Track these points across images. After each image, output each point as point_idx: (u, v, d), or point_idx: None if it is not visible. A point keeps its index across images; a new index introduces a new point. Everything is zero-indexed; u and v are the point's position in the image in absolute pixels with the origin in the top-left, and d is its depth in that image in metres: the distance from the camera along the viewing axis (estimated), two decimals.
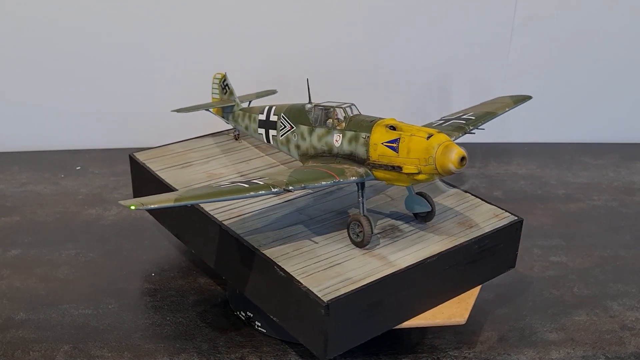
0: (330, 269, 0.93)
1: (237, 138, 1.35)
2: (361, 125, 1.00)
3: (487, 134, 1.13)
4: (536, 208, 1.49)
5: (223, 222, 1.03)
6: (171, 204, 0.84)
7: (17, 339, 1.07)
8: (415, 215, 1.07)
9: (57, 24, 1.66)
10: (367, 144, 0.98)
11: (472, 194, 1.16)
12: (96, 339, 1.07)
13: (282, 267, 0.93)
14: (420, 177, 0.94)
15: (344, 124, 1.02)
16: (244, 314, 1.10)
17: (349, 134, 1.01)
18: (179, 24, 1.68)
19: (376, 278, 0.91)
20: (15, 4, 1.64)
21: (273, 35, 1.69)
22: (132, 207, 0.82)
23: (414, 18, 1.72)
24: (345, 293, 0.88)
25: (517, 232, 1.08)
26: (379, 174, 0.98)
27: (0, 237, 1.35)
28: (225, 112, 1.30)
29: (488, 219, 1.08)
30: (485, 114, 1.17)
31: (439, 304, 1.00)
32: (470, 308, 1.01)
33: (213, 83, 1.33)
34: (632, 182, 1.62)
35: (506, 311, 1.15)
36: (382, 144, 0.96)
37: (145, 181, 1.22)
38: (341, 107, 1.03)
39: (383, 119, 0.99)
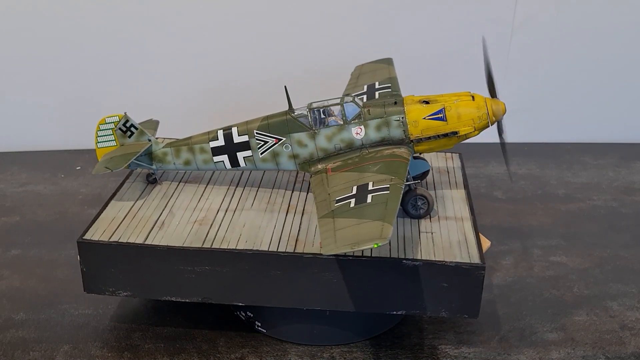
0: (437, 242, 1.00)
1: (155, 181, 1.16)
2: (387, 110, 1.04)
3: (487, 133, 1.13)
4: (536, 208, 1.49)
5: (291, 252, 0.98)
6: (384, 235, 0.84)
7: (17, 339, 1.07)
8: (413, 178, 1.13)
9: (56, 24, 1.66)
10: (404, 124, 1.03)
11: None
12: (96, 339, 1.07)
13: (412, 257, 0.96)
14: (474, 134, 1.05)
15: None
16: (244, 314, 1.10)
17: (373, 122, 1.04)
18: (179, 24, 1.68)
19: (474, 233, 1.02)
20: (15, 3, 1.64)
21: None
22: (375, 245, 0.82)
23: (412, 18, 1.72)
24: (478, 252, 0.98)
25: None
26: (423, 146, 1.06)
27: (0, 237, 1.35)
28: (138, 157, 1.11)
29: (446, 162, 1.26)
30: (388, 79, 1.21)
31: None
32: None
33: (100, 130, 1.12)
34: (632, 182, 1.62)
35: (506, 311, 1.15)
36: (424, 118, 1.03)
37: (124, 261, 1.01)
38: (349, 103, 1.05)
39: (402, 97, 1.06)
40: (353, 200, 0.92)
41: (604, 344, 1.08)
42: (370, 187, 0.94)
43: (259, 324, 1.08)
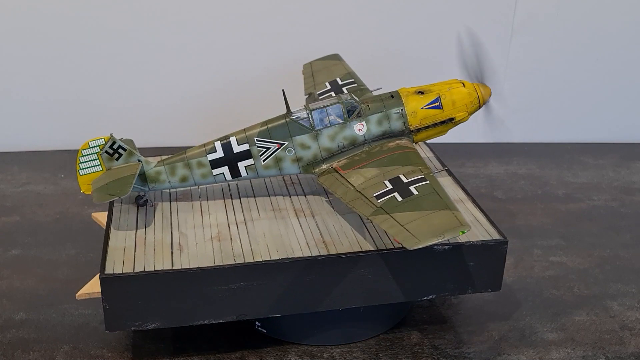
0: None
1: (146, 203, 1.09)
2: (386, 104, 1.07)
3: (487, 134, 1.14)
4: (536, 208, 1.49)
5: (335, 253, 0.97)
6: (463, 222, 0.87)
7: (17, 339, 1.07)
8: None
9: (57, 23, 1.66)
10: (404, 116, 1.07)
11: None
12: (96, 339, 1.07)
13: (440, 242, 0.96)
14: (467, 118, 1.10)
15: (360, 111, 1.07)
16: None
17: (374, 117, 1.06)
18: (180, 25, 1.69)
19: (479, 209, 1.09)
20: (15, 2, 1.64)
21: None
22: (462, 233, 0.85)
23: (412, 18, 1.72)
24: (494, 228, 1.04)
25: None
26: (421, 135, 1.10)
27: (0, 237, 1.35)
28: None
29: (420, 148, 1.29)
30: (348, 74, 1.24)
31: None
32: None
33: (82, 156, 1.05)
34: (632, 182, 1.62)
35: (506, 311, 1.15)
36: (422, 108, 1.07)
37: (153, 291, 0.94)
38: (348, 100, 1.06)
39: (397, 91, 1.09)
40: (396, 194, 0.93)
41: (604, 344, 1.08)
42: (405, 180, 0.96)
43: (259, 324, 1.08)
